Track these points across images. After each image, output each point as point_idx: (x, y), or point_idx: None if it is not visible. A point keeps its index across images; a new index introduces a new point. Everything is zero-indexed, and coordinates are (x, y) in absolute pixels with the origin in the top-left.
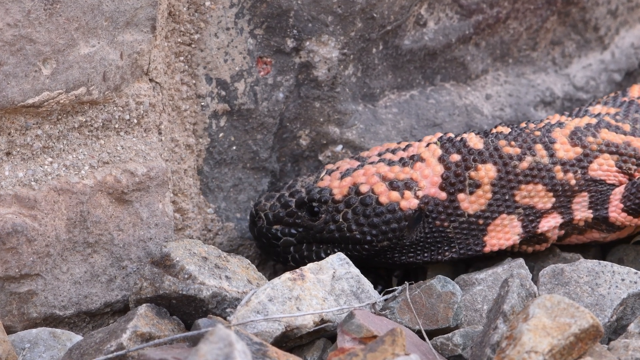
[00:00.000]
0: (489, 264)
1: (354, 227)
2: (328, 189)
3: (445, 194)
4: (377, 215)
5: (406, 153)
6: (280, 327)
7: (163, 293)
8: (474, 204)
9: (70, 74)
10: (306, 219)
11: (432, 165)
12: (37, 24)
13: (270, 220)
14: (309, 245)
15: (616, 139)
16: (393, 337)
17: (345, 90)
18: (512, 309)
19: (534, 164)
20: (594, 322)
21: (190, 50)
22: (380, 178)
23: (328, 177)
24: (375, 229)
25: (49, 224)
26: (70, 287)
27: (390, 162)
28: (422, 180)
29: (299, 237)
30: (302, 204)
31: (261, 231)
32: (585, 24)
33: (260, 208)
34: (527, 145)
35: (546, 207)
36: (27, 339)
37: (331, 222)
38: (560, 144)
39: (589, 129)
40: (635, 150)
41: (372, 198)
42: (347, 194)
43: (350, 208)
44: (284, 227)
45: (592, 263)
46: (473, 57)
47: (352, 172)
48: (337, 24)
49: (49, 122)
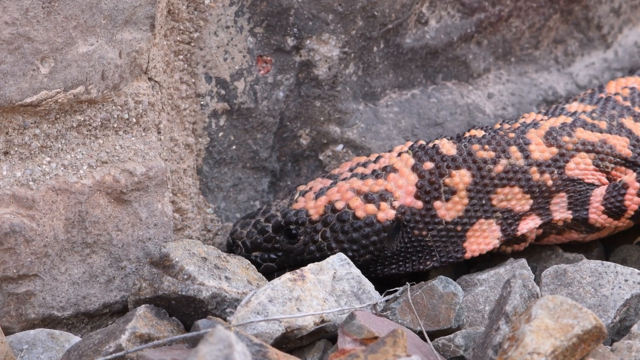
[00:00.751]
0: (491, 265)
1: (333, 245)
2: (304, 210)
3: (422, 203)
4: (355, 230)
5: (378, 165)
6: (281, 328)
7: (162, 294)
8: (450, 211)
9: (69, 72)
10: (285, 243)
11: (406, 175)
12: (35, 22)
13: (248, 247)
14: (290, 269)
15: (592, 137)
16: (394, 338)
17: (346, 89)
18: (514, 309)
19: (509, 166)
20: (597, 323)
21: (189, 49)
22: (355, 192)
23: (302, 198)
24: (355, 244)
25: (47, 224)
26: (68, 287)
27: (362, 175)
28: (397, 190)
29: (279, 262)
30: (279, 228)
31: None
32: (588, 22)
33: (237, 236)
34: (501, 148)
35: (524, 210)
36: (25, 340)
37: (311, 243)
38: (535, 144)
39: (565, 128)
40: (612, 148)
41: (348, 214)
42: (324, 213)
43: (328, 227)
44: (263, 253)
45: (595, 263)
46: (475, 56)
47: (326, 190)
48: (337, 22)
49: (47, 122)
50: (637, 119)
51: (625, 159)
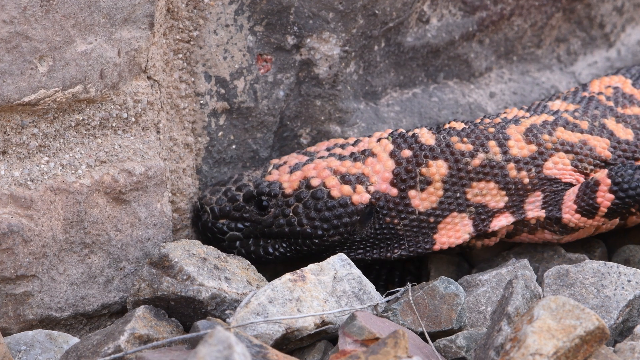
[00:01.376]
0: (493, 265)
1: (305, 221)
2: (277, 183)
3: (397, 190)
4: (328, 209)
5: (356, 148)
6: (281, 329)
7: (161, 294)
8: (424, 202)
9: (67, 71)
10: (254, 213)
11: (384, 161)
12: (33, 21)
13: (216, 214)
14: (256, 240)
15: (572, 137)
16: (395, 339)
17: (346, 88)
18: (516, 310)
19: (486, 161)
20: (599, 324)
21: (189, 48)
22: (332, 172)
23: (276, 171)
24: (326, 223)
25: (45, 224)
26: (67, 288)
27: (341, 156)
28: (374, 175)
29: (245, 232)
30: (250, 197)
31: (206, 225)
32: (591, 20)
33: (206, 202)
34: (480, 142)
35: (498, 206)
36: (23, 341)
37: (281, 217)
38: (515, 140)
39: (545, 126)
40: (592, 150)
41: (323, 192)
42: (298, 188)
43: (301, 202)
44: (231, 222)
45: (597, 264)
46: (477, 55)
47: (301, 166)
48: (338, 21)
49: (45, 121)
50: (619, 120)
51: (605, 161)
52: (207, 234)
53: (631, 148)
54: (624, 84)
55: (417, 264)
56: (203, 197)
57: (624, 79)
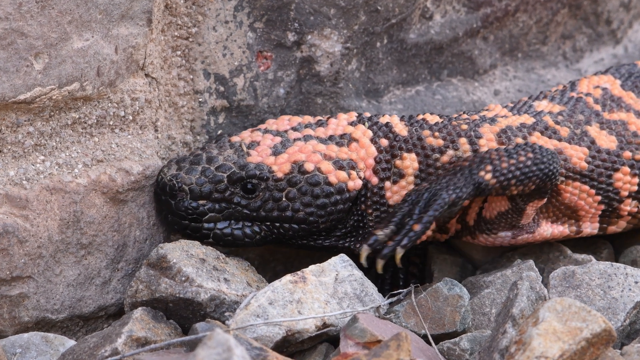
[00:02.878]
0: (497, 266)
1: (299, 206)
2: (266, 166)
3: (377, 179)
4: (326, 195)
5: (330, 130)
6: (281, 332)
7: (159, 296)
8: (396, 195)
9: (63, 69)
10: (239, 196)
11: (367, 147)
12: (29, 17)
13: (195, 194)
14: (234, 223)
15: (548, 144)
16: (398, 341)
17: (348, 86)
18: (521, 312)
19: (455, 158)
20: (606, 326)
21: (187, 45)
22: (323, 156)
23: (254, 152)
24: (322, 209)
25: (41, 224)
26: (63, 290)
27: (320, 139)
28: (360, 161)
29: (226, 214)
30: (237, 180)
31: (182, 206)
32: (597, 17)
33: (183, 181)
34: (450, 138)
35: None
36: (19, 344)
37: (271, 201)
38: (487, 140)
39: (522, 129)
40: (566, 160)
41: (319, 177)
42: (290, 172)
43: (295, 187)
44: (213, 203)
45: (604, 265)
46: (481, 52)
47: (282, 148)
48: (339, 17)
49: (41, 119)
50: (604, 126)
51: (580, 172)
52: (180, 214)
53: (611, 158)
54: (612, 85)
55: (420, 265)
56: (176, 175)
57: (613, 80)
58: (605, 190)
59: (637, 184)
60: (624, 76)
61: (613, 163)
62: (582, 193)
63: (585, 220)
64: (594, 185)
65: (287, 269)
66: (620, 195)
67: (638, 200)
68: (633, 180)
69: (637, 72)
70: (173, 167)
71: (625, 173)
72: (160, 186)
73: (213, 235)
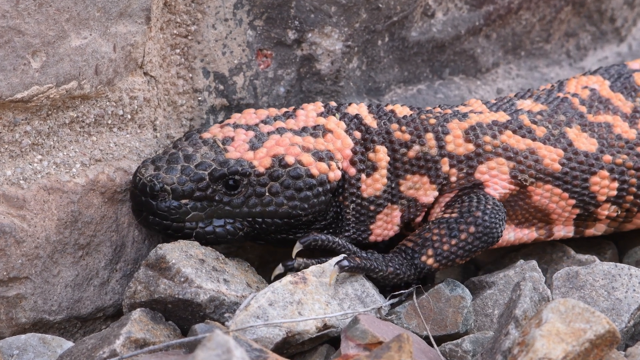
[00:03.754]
0: (500, 267)
1: (283, 200)
2: (246, 162)
3: (355, 170)
4: (309, 188)
5: (301, 122)
6: (281, 333)
7: (158, 297)
8: (369, 188)
9: (61, 67)
10: (222, 193)
11: (342, 138)
12: (26, 15)
13: (178, 194)
14: (216, 221)
15: (519, 144)
16: (399, 343)
17: (349, 85)
18: (524, 313)
19: (420, 154)
20: (610, 327)
21: (186, 43)
22: (301, 149)
23: (231, 147)
24: (306, 202)
25: (38, 224)
26: (60, 290)
27: (294, 131)
28: (337, 152)
29: (209, 212)
30: (220, 177)
31: (165, 206)
32: (601, 14)
33: (165, 181)
34: (417, 133)
35: (429, 201)
36: (16, 345)
37: (253, 196)
38: (454, 136)
39: (492, 127)
40: (538, 161)
41: (301, 170)
42: (271, 166)
43: (277, 181)
44: (195, 202)
45: (608, 266)
46: (483, 50)
47: (258, 142)
48: (340, 15)
49: (38, 118)
50: (586, 128)
51: (552, 174)
52: (162, 214)
53: (589, 161)
54: (601, 86)
55: None
56: (155, 175)
57: (602, 80)
58: (580, 194)
59: (617, 188)
60: (613, 77)
61: (590, 166)
62: (554, 196)
63: (558, 224)
64: (568, 189)
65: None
66: (597, 199)
67: (618, 205)
68: (612, 184)
69: (627, 73)
70: (150, 167)
71: (603, 177)
72: (140, 187)
73: (195, 235)
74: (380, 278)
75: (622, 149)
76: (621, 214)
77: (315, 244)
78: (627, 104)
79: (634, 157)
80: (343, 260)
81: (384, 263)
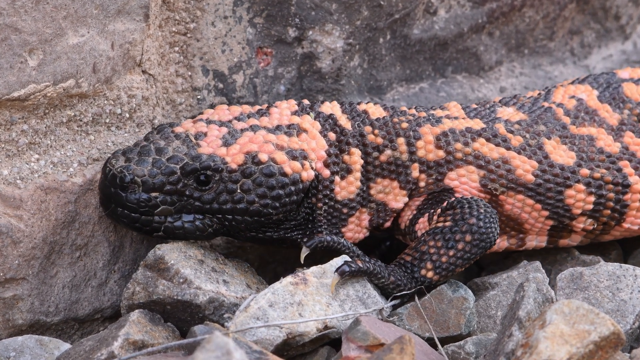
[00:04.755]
0: (503, 267)
1: (255, 198)
2: (219, 157)
3: (329, 172)
4: (281, 186)
5: (275, 120)
6: (282, 335)
7: (157, 298)
8: (343, 190)
9: (58, 65)
10: (192, 188)
11: (317, 139)
12: (23, 12)
13: (148, 186)
14: (185, 216)
15: (492, 153)
16: (401, 344)
17: (350, 83)
18: (528, 315)
19: (392, 158)
20: (615, 329)
21: (185, 40)
22: (275, 147)
23: (204, 142)
24: (278, 201)
25: (35, 224)
26: (58, 292)
27: (268, 129)
28: (312, 152)
29: (178, 207)
30: (191, 171)
31: (134, 198)
32: (606, 12)
33: (135, 173)
34: (389, 137)
35: (398, 207)
36: (13, 347)
37: (225, 193)
38: (425, 142)
39: (465, 134)
40: (511, 171)
41: (274, 168)
42: (244, 163)
43: (249, 178)
44: (165, 196)
45: (613, 266)
46: (486, 48)
47: (232, 139)
48: (341, 12)
49: (35, 117)
50: (565, 140)
51: (524, 184)
52: (131, 207)
53: (565, 174)
54: (589, 96)
55: None
56: (127, 167)
57: (590, 89)
58: (554, 206)
59: (593, 202)
60: (602, 86)
61: (566, 179)
62: (527, 206)
63: (532, 234)
64: (541, 200)
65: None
66: (572, 212)
67: (594, 218)
68: (588, 198)
69: (616, 83)
70: (121, 159)
71: (578, 190)
72: (109, 178)
73: (164, 229)
74: (381, 285)
75: (603, 162)
76: (598, 227)
77: (322, 246)
78: (613, 115)
79: (614, 172)
80: (344, 265)
81: (387, 272)
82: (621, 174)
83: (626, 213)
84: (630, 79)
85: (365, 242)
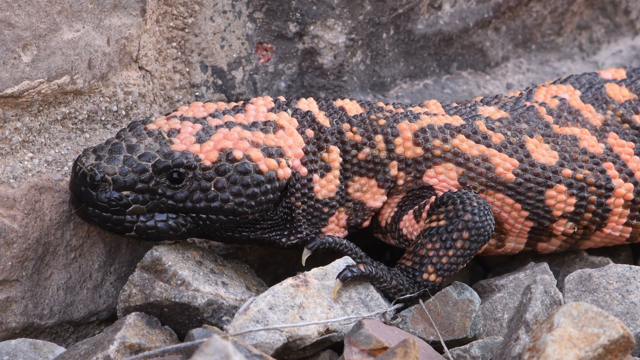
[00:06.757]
0: (510, 269)
1: (229, 196)
2: (192, 154)
3: (306, 170)
4: (257, 184)
5: (251, 117)
6: (282, 338)
7: (154, 301)
8: (323, 189)
9: (53, 61)
10: (165, 186)
11: (294, 136)
12: (17, 7)
13: (120, 184)
14: (158, 215)
15: (471, 150)
16: (405, 348)
17: (352, 79)
18: (535, 318)
19: (370, 156)
20: (624, 332)
21: (183, 36)
22: (250, 144)
23: (176, 139)
24: (253, 199)
25: (29, 225)
26: (52, 294)
27: (244, 126)
28: (289, 150)
29: (151, 205)
30: (164, 169)
31: (105, 197)
32: (615, 6)
33: (106, 171)
34: (367, 135)
35: (376, 206)
36: (6, 351)
37: (198, 191)
38: (403, 139)
39: (444, 130)
40: (490, 169)
41: (249, 165)
42: (218, 161)
43: (223, 176)
44: (137, 194)
45: (622, 268)
46: (492, 43)
47: (206, 136)
48: (343, 7)
49: (29, 114)
50: (548, 140)
51: (504, 183)
52: (102, 206)
53: (546, 173)
54: (572, 96)
55: None
56: (97, 165)
57: (572, 90)
58: (534, 207)
59: (575, 204)
60: (584, 86)
61: (547, 179)
62: (506, 206)
63: (512, 235)
64: (521, 200)
65: (288, 272)
66: (553, 214)
67: (575, 221)
68: (569, 200)
69: (598, 83)
70: (91, 156)
71: (559, 191)
72: (80, 176)
73: (136, 229)
74: (383, 289)
75: (586, 163)
76: (578, 231)
77: (323, 248)
78: (597, 116)
79: (597, 174)
80: (346, 271)
81: (389, 276)
82: (605, 176)
83: (608, 218)
84: (613, 79)
85: (371, 253)
